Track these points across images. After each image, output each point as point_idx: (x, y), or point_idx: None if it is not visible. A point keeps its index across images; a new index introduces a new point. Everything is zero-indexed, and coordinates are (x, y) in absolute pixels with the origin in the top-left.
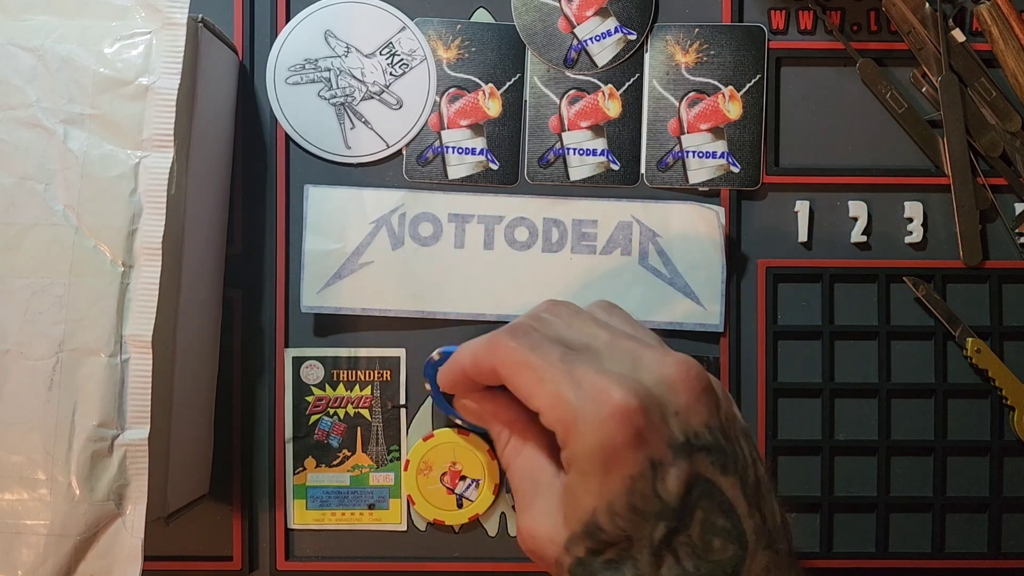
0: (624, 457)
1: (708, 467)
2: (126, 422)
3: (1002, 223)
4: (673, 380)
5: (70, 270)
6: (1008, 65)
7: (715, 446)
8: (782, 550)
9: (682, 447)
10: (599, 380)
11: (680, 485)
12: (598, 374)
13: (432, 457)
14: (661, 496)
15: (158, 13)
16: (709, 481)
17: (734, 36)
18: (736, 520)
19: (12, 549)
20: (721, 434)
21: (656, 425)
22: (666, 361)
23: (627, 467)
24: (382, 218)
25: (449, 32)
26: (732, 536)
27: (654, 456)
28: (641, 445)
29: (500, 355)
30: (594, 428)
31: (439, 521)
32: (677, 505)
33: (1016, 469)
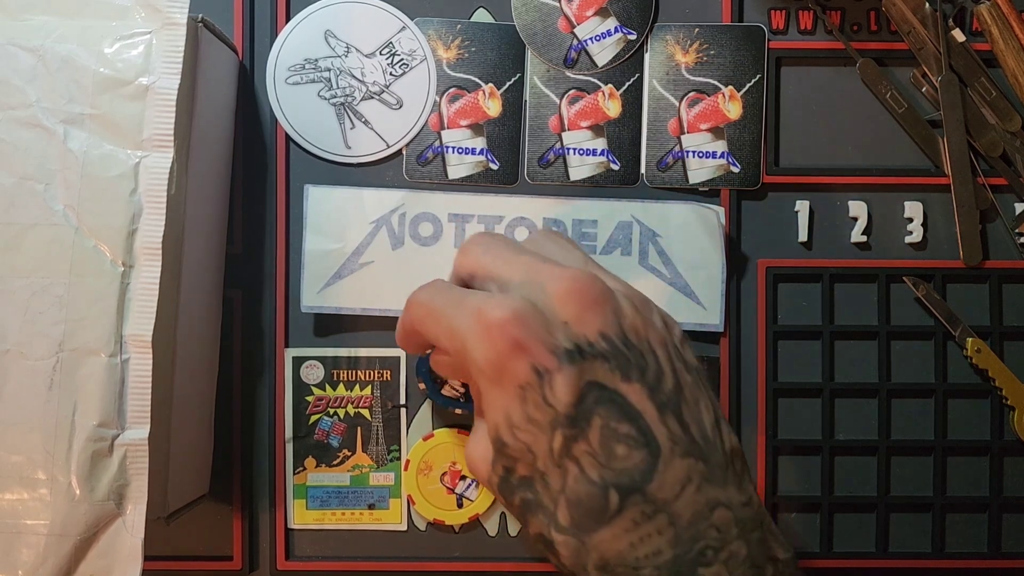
0: (508, 367)
1: (605, 374)
2: (126, 422)
3: (1002, 223)
4: (561, 292)
5: (70, 270)
6: (1008, 65)
7: (612, 353)
8: (714, 462)
9: (569, 353)
10: (477, 301)
11: (570, 391)
12: (480, 297)
13: (432, 457)
14: (552, 404)
15: (158, 13)
16: (606, 388)
17: (734, 36)
18: (643, 426)
19: (12, 549)
20: (621, 342)
21: (536, 333)
22: (558, 275)
23: (513, 377)
24: (382, 218)
25: (449, 32)
26: (638, 443)
27: (538, 364)
28: (522, 353)
29: (412, 314)
30: (476, 345)
31: (439, 521)
32: (570, 412)
33: (1016, 469)
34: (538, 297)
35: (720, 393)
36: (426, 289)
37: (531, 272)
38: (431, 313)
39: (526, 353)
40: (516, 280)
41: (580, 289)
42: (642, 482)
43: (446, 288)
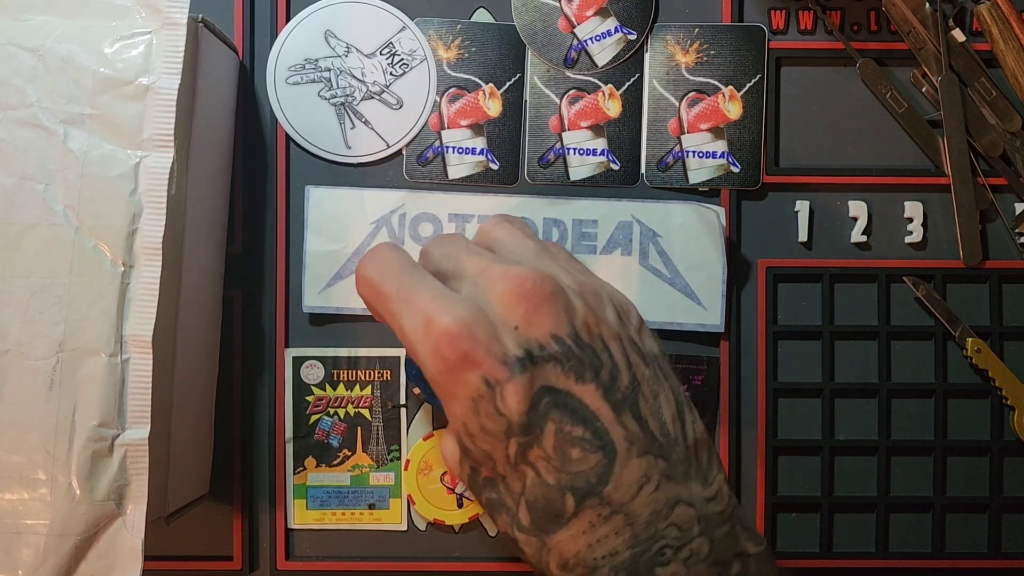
0: (459, 380)
1: (558, 377)
2: (126, 422)
3: (1002, 223)
4: (508, 294)
5: (70, 270)
6: (1008, 65)
7: (565, 355)
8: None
9: (520, 361)
10: (426, 307)
11: (520, 400)
12: (429, 299)
13: (432, 457)
14: (504, 413)
15: (158, 13)
16: (559, 391)
17: (734, 36)
18: (598, 428)
19: (12, 549)
20: (574, 342)
21: (485, 343)
22: (505, 275)
23: (464, 389)
24: (382, 218)
25: (449, 32)
26: (593, 445)
27: (488, 375)
28: (471, 367)
29: (361, 290)
30: (428, 357)
31: (440, 521)
32: (522, 420)
33: (1016, 469)
34: (487, 300)
35: (720, 393)
36: (374, 263)
37: (480, 273)
38: (380, 297)
39: (475, 366)
40: (467, 284)
41: (528, 291)
42: (598, 485)
43: (396, 266)
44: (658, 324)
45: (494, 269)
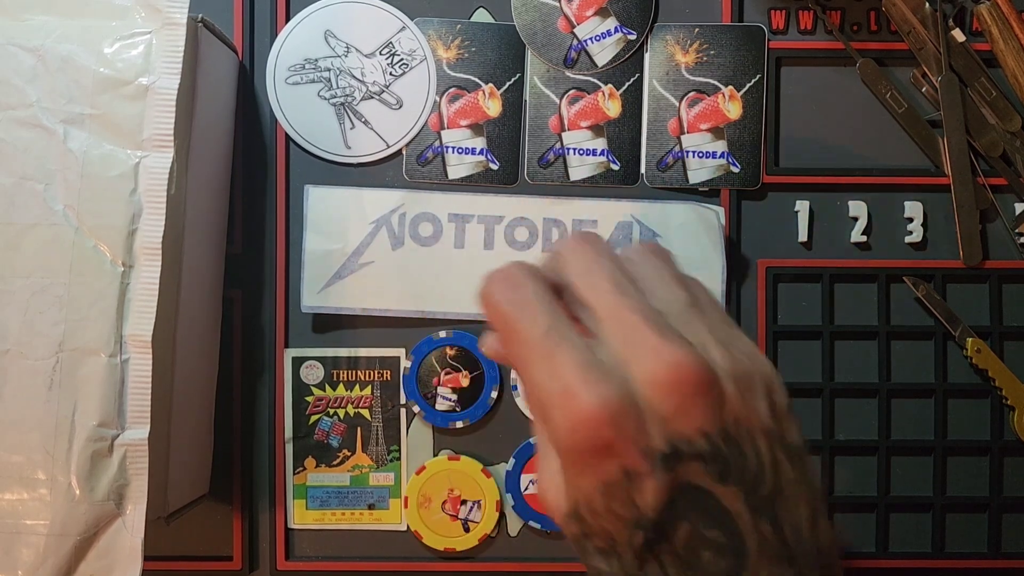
0: (594, 465)
1: (701, 475)
2: (126, 422)
3: (1002, 223)
4: (662, 381)
5: (70, 270)
6: (1008, 65)
7: (711, 453)
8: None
9: (664, 458)
10: (573, 377)
11: (658, 497)
12: (574, 367)
13: (428, 489)
14: (638, 505)
15: (158, 13)
16: (701, 490)
17: (734, 36)
18: (734, 532)
19: (12, 549)
20: (722, 439)
21: (630, 435)
22: (661, 354)
23: (599, 474)
24: (382, 218)
25: (449, 32)
26: (726, 549)
27: (628, 467)
28: (611, 456)
29: (488, 312)
30: (563, 432)
31: (450, 549)
32: (655, 517)
33: (1016, 469)
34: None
35: None
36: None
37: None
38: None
39: (616, 455)
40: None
41: (684, 380)
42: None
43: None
44: None
45: (648, 337)
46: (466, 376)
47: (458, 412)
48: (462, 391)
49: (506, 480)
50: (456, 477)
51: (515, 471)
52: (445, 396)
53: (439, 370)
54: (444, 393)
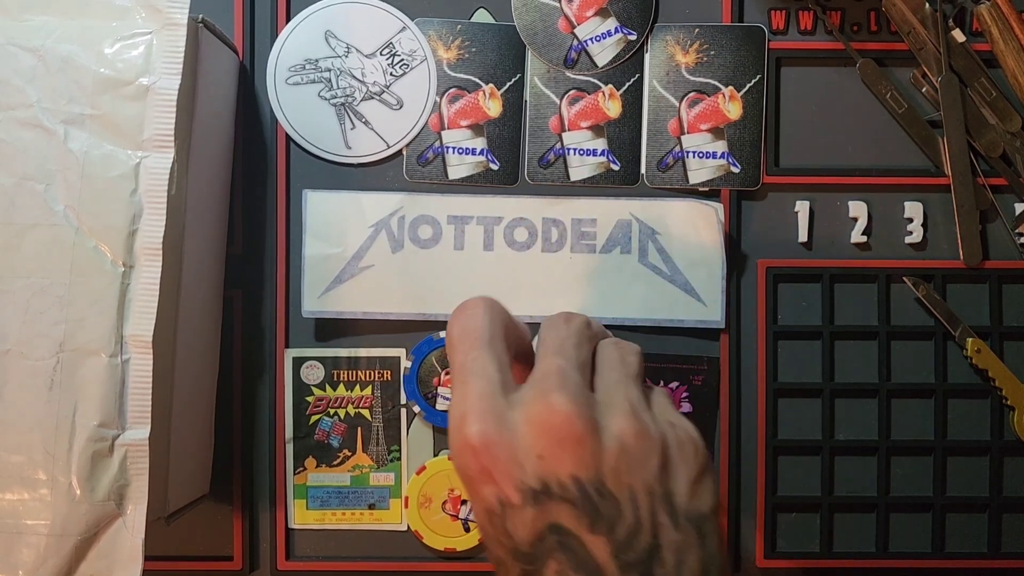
0: (477, 489)
1: (570, 519)
2: (127, 422)
3: (1002, 223)
4: (536, 422)
5: (70, 270)
6: (1008, 65)
7: (581, 500)
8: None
9: (534, 493)
10: (468, 406)
11: (528, 531)
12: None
13: (429, 489)
14: (512, 536)
15: (158, 13)
16: (569, 533)
17: (734, 36)
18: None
19: (13, 549)
20: (594, 488)
21: (503, 465)
22: (544, 399)
23: (481, 499)
24: (381, 221)
25: (449, 32)
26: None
27: (501, 496)
28: (488, 481)
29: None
30: (454, 455)
31: (451, 549)
32: (526, 550)
33: (1016, 469)
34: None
35: (720, 393)
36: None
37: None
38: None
39: (493, 483)
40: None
41: (556, 425)
42: None
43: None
44: (659, 322)
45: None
46: None
47: None
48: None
49: None
50: (456, 478)
51: None
52: (445, 396)
53: (439, 370)
54: (444, 393)
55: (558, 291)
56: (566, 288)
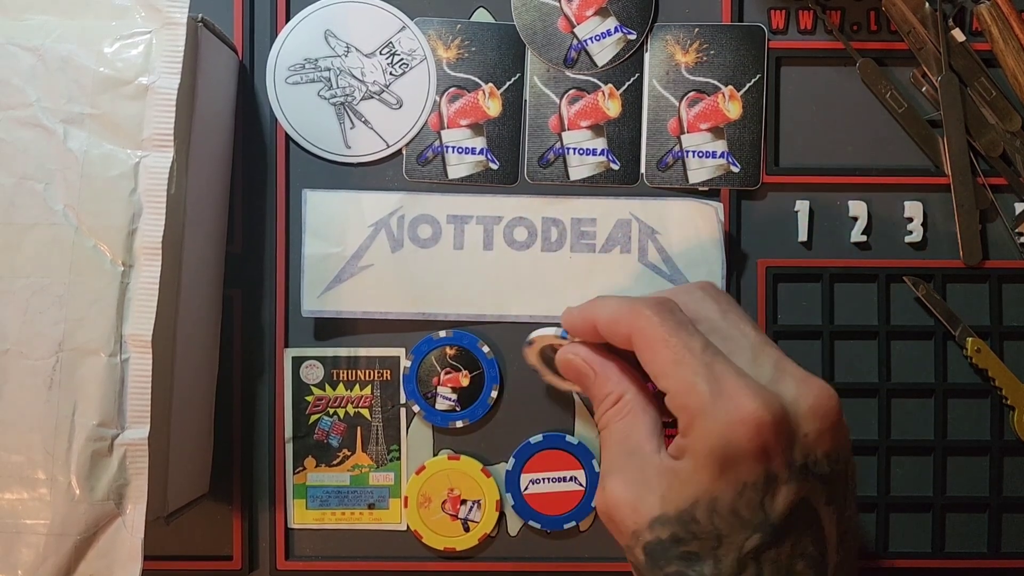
0: (743, 464)
1: (817, 495)
2: (126, 422)
3: (1002, 223)
4: (812, 405)
5: (70, 270)
6: (1008, 65)
7: (829, 477)
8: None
9: (799, 469)
10: (736, 384)
11: (786, 504)
12: (738, 377)
13: (428, 488)
14: (766, 509)
15: (158, 13)
16: (813, 508)
17: (734, 36)
18: (824, 551)
19: (12, 549)
20: (837, 467)
21: (782, 443)
22: (809, 383)
23: (743, 474)
24: (381, 221)
25: (449, 32)
26: (816, 565)
27: (771, 471)
28: (763, 458)
29: (640, 324)
30: (723, 428)
31: (450, 549)
32: (777, 522)
33: (1016, 469)
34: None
35: None
36: (664, 312)
37: (777, 366)
38: (670, 348)
39: (767, 459)
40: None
41: (831, 409)
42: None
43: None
44: None
45: (792, 368)
46: (466, 376)
47: (458, 412)
48: (462, 391)
49: (506, 480)
50: (456, 477)
51: (515, 471)
52: (445, 396)
53: (439, 370)
54: (444, 393)
55: (558, 291)
56: (566, 288)
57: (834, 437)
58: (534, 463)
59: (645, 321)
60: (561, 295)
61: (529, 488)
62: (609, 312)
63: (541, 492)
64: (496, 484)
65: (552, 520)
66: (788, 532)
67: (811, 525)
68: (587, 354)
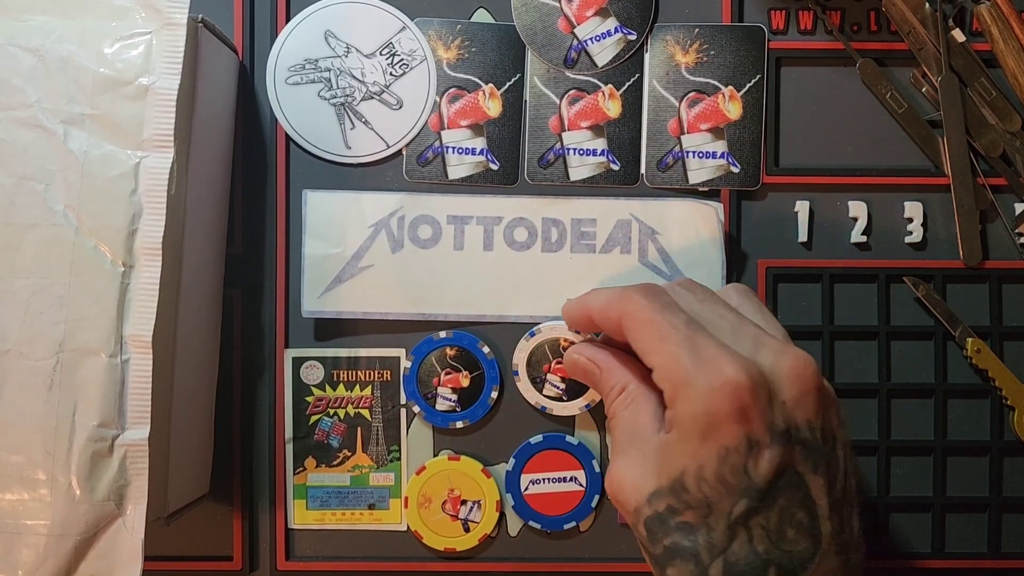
0: (724, 428)
1: (801, 461)
2: (126, 422)
3: (1002, 223)
4: (788, 371)
5: (70, 270)
6: (1008, 65)
7: (812, 444)
8: (853, 561)
9: (781, 434)
10: (717, 352)
11: (770, 469)
12: (717, 347)
13: (429, 489)
14: (750, 473)
15: (158, 13)
16: (798, 474)
17: (734, 36)
18: (815, 518)
19: (12, 549)
20: (820, 435)
21: (761, 407)
22: (786, 352)
23: (725, 438)
24: (381, 221)
25: (449, 32)
26: (807, 532)
27: (752, 435)
28: (743, 421)
29: (628, 307)
30: (703, 395)
31: (451, 549)
32: (762, 486)
33: (1016, 469)
34: (765, 365)
35: None
36: (651, 295)
37: (756, 340)
38: (656, 326)
39: (746, 422)
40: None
41: (807, 375)
42: (799, 568)
43: (675, 308)
44: None
45: (770, 340)
46: (466, 376)
47: (458, 412)
48: (462, 391)
49: (506, 480)
50: (456, 477)
51: (515, 471)
52: (445, 396)
53: (439, 370)
54: (444, 393)
55: (558, 291)
56: (566, 288)
57: (815, 403)
58: (534, 463)
59: (633, 304)
60: (561, 296)
61: (529, 488)
62: (602, 300)
63: (541, 492)
64: (496, 484)
65: (552, 520)
66: (775, 497)
67: (799, 492)
68: (590, 352)
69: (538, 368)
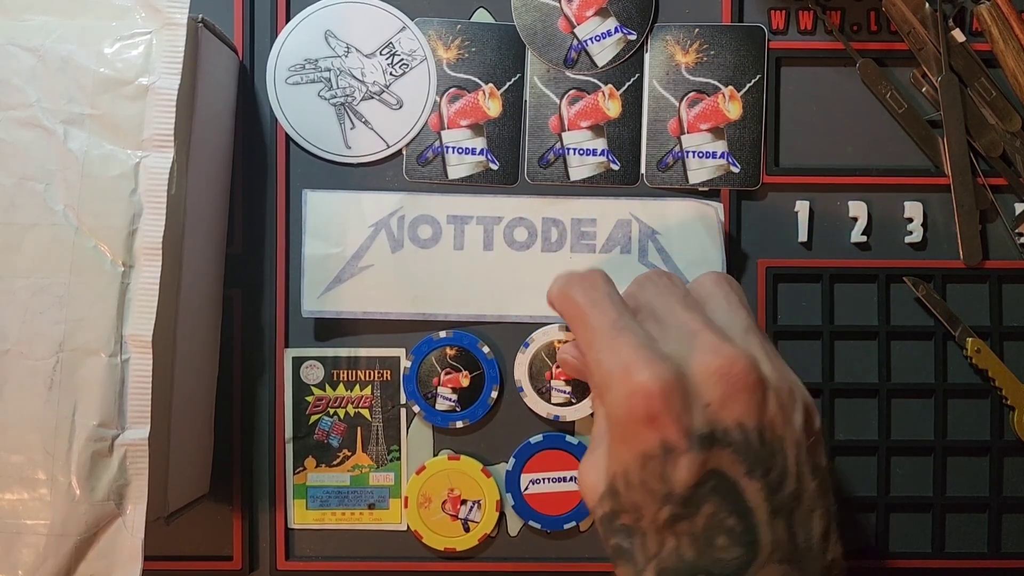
0: (638, 434)
1: (731, 464)
2: (126, 422)
3: (1002, 223)
4: (715, 371)
5: (70, 270)
6: (1008, 65)
7: (744, 446)
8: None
9: (702, 438)
10: (634, 355)
11: (689, 475)
12: (634, 349)
13: (429, 489)
14: (668, 480)
15: (158, 13)
16: (728, 479)
17: (734, 36)
18: (750, 525)
19: (12, 549)
20: (756, 437)
21: (675, 412)
22: (717, 350)
23: (640, 444)
24: (381, 221)
25: (449, 32)
26: (740, 539)
27: (667, 441)
28: (655, 428)
29: (566, 305)
30: (617, 401)
31: (450, 549)
32: (684, 493)
33: (1016, 469)
34: (690, 365)
35: None
36: (585, 288)
37: (692, 333)
38: (582, 323)
39: (659, 428)
40: (674, 339)
41: (732, 373)
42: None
43: (606, 302)
44: None
45: (707, 337)
46: (466, 376)
47: (458, 412)
48: (462, 391)
49: (506, 480)
50: (456, 477)
51: (515, 471)
52: (445, 396)
53: (439, 370)
54: (444, 393)
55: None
56: None
57: (747, 403)
58: (534, 463)
59: (569, 304)
60: None
61: (529, 488)
62: (552, 294)
63: (541, 492)
64: (496, 484)
65: (552, 520)
66: (699, 503)
67: (729, 498)
68: (577, 351)
69: (540, 378)
